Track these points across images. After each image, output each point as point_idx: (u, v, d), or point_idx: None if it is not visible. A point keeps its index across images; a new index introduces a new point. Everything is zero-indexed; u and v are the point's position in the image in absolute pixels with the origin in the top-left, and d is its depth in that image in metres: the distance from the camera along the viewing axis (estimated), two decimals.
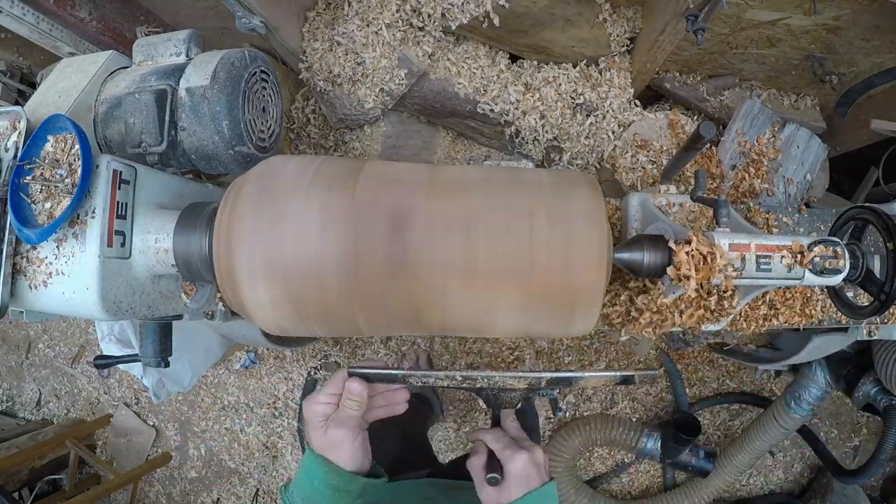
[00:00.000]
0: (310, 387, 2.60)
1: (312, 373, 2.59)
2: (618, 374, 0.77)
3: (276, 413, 2.66)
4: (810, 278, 0.84)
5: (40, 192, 0.84)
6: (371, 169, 0.81)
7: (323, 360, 2.58)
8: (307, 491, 0.78)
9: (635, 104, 1.57)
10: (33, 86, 1.66)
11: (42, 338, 2.88)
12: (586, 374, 0.76)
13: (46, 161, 0.85)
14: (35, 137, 0.86)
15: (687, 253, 0.81)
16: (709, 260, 0.80)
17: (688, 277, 0.81)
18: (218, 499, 2.75)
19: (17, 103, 1.51)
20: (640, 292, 1.07)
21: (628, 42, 1.50)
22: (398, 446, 1.54)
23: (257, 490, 2.71)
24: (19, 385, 2.91)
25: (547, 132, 1.59)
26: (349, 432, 0.77)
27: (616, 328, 1.12)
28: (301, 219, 0.75)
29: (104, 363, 1.15)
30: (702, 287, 0.97)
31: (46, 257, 0.86)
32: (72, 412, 2.85)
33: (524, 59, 1.61)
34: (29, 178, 0.84)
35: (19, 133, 0.88)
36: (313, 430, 0.78)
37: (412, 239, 0.73)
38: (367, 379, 0.77)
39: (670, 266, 0.83)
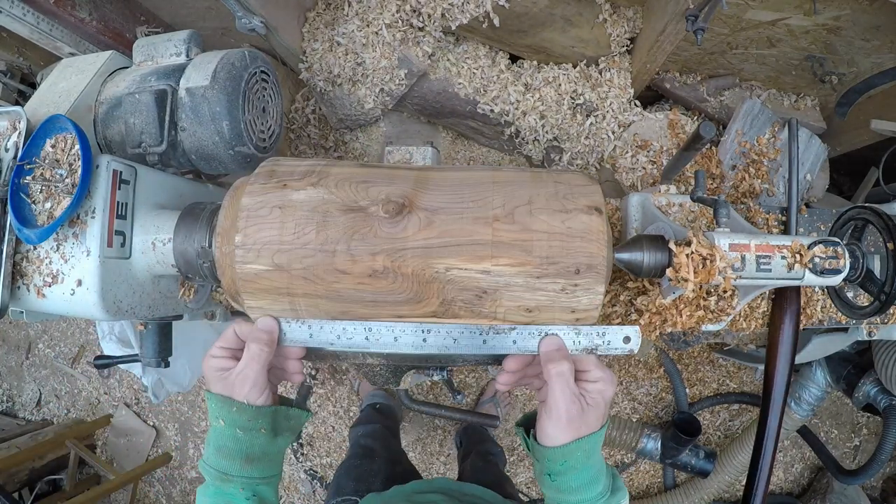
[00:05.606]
0: (304, 393, 2.60)
1: (307, 379, 2.59)
2: (488, 352, 0.75)
3: None
4: (810, 278, 0.84)
5: (40, 192, 0.85)
6: (368, 172, 0.81)
7: (317, 367, 2.58)
8: (218, 440, 0.71)
9: (635, 104, 1.57)
10: (33, 86, 1.65)
11: (42, 338, 2.88)
12: (450, 351, 0.74)
13: (46, 161, 0.85)
14: (35, 137, 0.87)
15: (687, 255, 0.81)
16: (708, 262, 0.80)
17: (686, 280, 0.81)
18: None
19: (17, 103, 1.52)
20: (640, 293, 1.07)
21: (628, 42, 1.50)
22: (387, 466, 1.54)
23: None
24: (19, 385, 2.91)
25: (547, 132, 1.59)
26: (252, 371, 0.71)
27: None
28: (302, 218, 0.75)
29: (104, 363, 1.16)
30: (701, 288, 0.97)
31: (46, 257, 0.86)
32: (72, 412, 2.85)
33: (524, 59, 1.61)
34: (29, 178, 0.85)
35: (19, 133, 0.88)
36: (215, 381, 0.72)
37: (410, 228, 0.73)
38: None
39: (669, 268, 0.83)
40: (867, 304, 0.95)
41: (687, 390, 2.40)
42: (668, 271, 0.83)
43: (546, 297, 0.74)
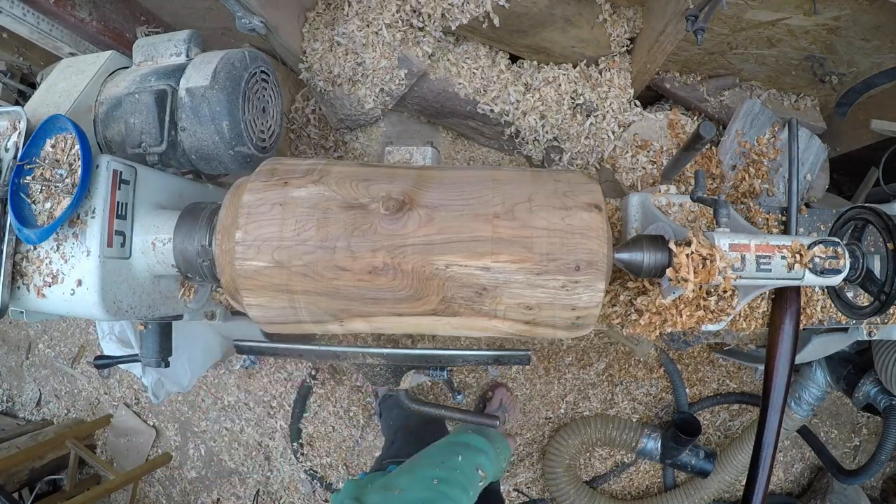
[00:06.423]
0: (304, 393, 2.60)
1: (307, 379, 2.59)
2: (488, 352, 0.77)
3: (271, 413, 2.66)
4: (810, 278, 0.84)
5: (40, 192, 0.84)
6: (369, 170, 0.81)
7: (317, 367, 2.58)
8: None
9: (635, 104, 1.57)
10: (33, 86, 1.66)
11: (42, 338, 2.88)
12: (450, 351, 0.76)
13: (46, 161, 0.85)
14: (35, 137, 0.87)
15: (687, 255, 0.81)
16: (708, 262, 0.80)
17: (686, 280, 0.81)
18: (218, 499, 2.75)
19: (17, 103, 1.52)
20: (640, 293, 1.07)
21: (628, 42, 1.50)
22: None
23: (258, 490, 2.71)
24: (19, 385, 2.91)
25: (547, 132, 1.59)
26: None
27: (616, 329, 1.12)
28: (302, 215, 0.75)
29: (104, 363, 1.16)
30: (701, 288, 0.97)
31: (46, 257, 0.86)
32: (72, 412, 2.85)
33: (524, 59, 1.61)
34: (29, 178, 0.85)
35: (19, 133, 0.88)
36: None
37: (410, 225, 0.73)
38: (254, 352, 0.77)
39: (669, 268, 0.83)
40: (867, 304, 0.95)
41: (687, 390, 2.40)
42: (668, 271, 0.83)
43: (546, 295, 0.74)
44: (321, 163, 0.82)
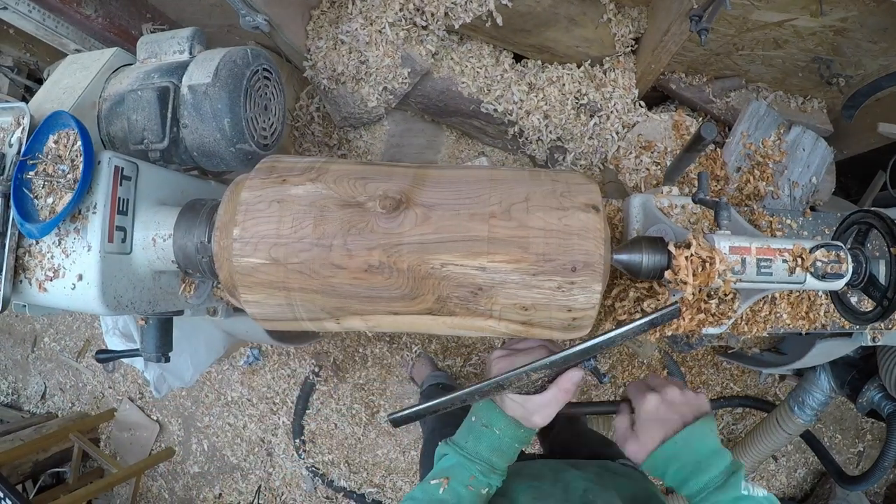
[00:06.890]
0: (307, 390, 2.60)
1: (310, 376, 2.60)
2: (641, 321, 0.73)
3: (274, 410, 2.67)
4: (812, 282, 0.83)
5: (43, 187, 0.85)
6: (367, 168, 0.81)
7: (320, 364, 2.59)
8: (495, 443, 0.82)
9: (640, 105, 1.56)
10: (40, 82, 1.67)
11: (48, 331, 2.90)
12: (608, 335, 0.74)
13: (49, 157, 0.86)
14: (38, 133, 0.87)
15: (686, 258, 0.80)
16: (707, 265, 0.80)
17: (685, 283, 0.80)
18: (220, 494, 2.77)
19: (24, 99, 1.53)
20: (648, 296, 1.06)
21: (633, 42, 1.49)
22: None
23: (259, 486, 2.72)
24: (25, 378, 2.94)
25: (550, 132, 1.59)
26: (555, 410, 0.80)
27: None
28: (300, 212, 0.75)
29: (106, 357, 1.16)
30: (700, 290, 0.96)
31: (48, 252, 0.87)
32: (76, 406, 2.88)
33: (528, 58, 1.60)
34: (32, 173, 0.85)
35: (23, 129, 0.89)
36: (515, 405, 0.81)
37: (407, 223, 0.74)
38: (412, 418, 0.77)
39: (668, 270, 0.82)
40: (870, 309, 0.94)
41: None
42: (667, 273, 0.82)
43: (542, 295, 0.74)
44: (320, 160, 0.82)
